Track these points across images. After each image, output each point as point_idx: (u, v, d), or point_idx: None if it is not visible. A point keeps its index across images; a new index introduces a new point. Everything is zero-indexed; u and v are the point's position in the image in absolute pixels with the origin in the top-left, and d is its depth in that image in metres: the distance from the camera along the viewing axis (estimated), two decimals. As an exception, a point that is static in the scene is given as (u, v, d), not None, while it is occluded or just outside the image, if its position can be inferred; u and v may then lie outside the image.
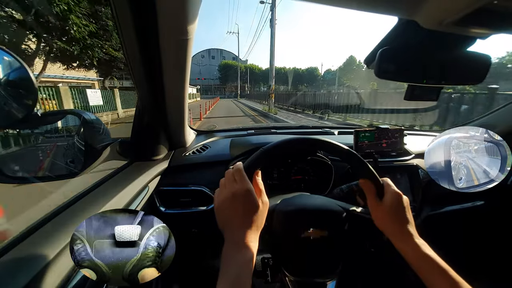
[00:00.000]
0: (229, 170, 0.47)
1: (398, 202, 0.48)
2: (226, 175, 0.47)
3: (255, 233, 0.43)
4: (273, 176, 0.98)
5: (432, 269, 0.41)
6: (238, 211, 0.42)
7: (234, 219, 0.42)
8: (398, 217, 0.47)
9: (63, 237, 0.41)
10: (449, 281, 0.38)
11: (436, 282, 0.40)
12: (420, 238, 0.45)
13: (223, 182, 0.47)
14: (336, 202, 0.60)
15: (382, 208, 0.49)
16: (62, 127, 0.65)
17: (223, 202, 0.44)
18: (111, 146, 0.69)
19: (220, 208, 0.44)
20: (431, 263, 0.41)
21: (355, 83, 49.19)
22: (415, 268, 0.43)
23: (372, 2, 0.32)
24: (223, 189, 0.45)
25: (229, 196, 0.43)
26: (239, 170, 0.46)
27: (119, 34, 0.54)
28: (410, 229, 0.46)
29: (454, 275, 0.39)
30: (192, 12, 0.48)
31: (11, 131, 0.54)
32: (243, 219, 0.42)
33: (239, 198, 0.43)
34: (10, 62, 0.43)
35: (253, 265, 0.39)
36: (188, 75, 0.67)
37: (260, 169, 0.49)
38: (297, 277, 0.56)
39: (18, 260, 0.36)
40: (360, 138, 0.94)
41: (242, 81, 61.09)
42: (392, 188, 0.50)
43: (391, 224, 0.47)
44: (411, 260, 0.43)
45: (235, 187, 0.44)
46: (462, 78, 0.43)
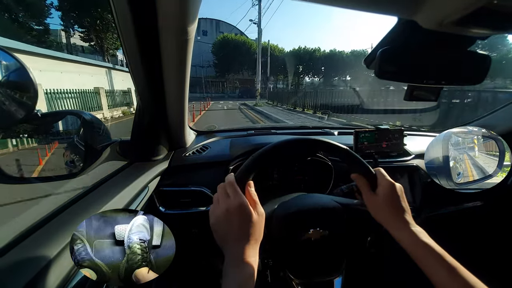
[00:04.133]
0: (222, 184, 0.47)
1: (392, 191, 0.48)
2: (218, 190, 0.47)
3: (254, 246, 0.42)
4: (273, 176, 0.98)
5: (429, 255, 0.41)
6: (234, 226, 0.42)
7: (231, 235, 0.42)
8: (392, 206, 0.47)
9: (63, 237, 0.41)
10: (447, 266, 0.39)
11: (433, 268, 0.40)
12: (416, 226, 0.46)
13: (216, 198, 0.46)
14: (333, 198, 0.60)
15: (376, 199, 0.49)
16: (62, 127, 0.65)
17: (218, 218, 0.43)
18: (111, 146, 0.69)
19: (216, 224, 0.44)
20: (428, 250, 0.41)
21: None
22: (412, 256, 0.43)
23: (372, 2, 0.32)
24: (216, 205, 0.45)
25: (223, 212, 0.43)
26: (231, 183, 0.45)
27: (119, 34, 0.55)
28: (405, 217, 0.46)
29: (451, 260, 0.39)
30: (192, 12, 0.48)
31: (11, 131, 0.54)
32: (240, 234, 0.42)
33: (234, 213, 0.42)
34: (11, 63, 0.44)
35: (254, 280, 0.38)
36: (188, 75, 0.67)
37: (259, 170, 0.49)
38: (303, 279, 0.56)
39: (18, 260, 0.36)
40: (360, 139, 0.94)
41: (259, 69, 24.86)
42: (385, 178, 0.50)
43: (387, 214, 0.48)
44: (408, 248, 0.44)
45: (228, 202, 0.43)
46: (462, 79, 0.43)
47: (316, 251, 0.53)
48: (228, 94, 36.97)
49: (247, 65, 36.71)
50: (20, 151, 0.56)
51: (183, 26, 0.50)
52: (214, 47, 35.00)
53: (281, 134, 1.23)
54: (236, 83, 38.75)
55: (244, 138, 1.12)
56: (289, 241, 0.54)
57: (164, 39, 0.54)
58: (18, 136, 0.55)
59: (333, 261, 0.56)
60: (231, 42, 34.43)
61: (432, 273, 0.40)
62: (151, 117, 0.77)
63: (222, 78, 38.92)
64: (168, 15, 0.48)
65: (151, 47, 0.55)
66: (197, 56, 36.58)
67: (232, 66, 36.49)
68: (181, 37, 0.53)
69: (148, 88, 0.67)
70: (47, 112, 0.56)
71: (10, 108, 0.43)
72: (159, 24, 0.50)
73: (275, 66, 35.13)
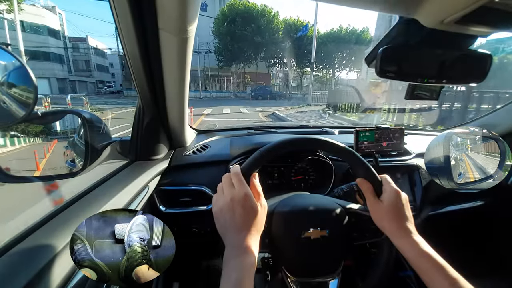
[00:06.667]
0: (227, 175, 0.47)
1: (397, 199, 0.48)
2: (223, 180, 0.47)
3: (255, 237, 0.43)
4: (274, 176, 0.98)
5: (431, 266, 0.40)
6: (237, 216, 0.42)
7: (233, 224, 0.42)
8: (396, 214, 0.47)
9: (63, 236, 0.41)
10: (448, 278, 0.38)
11: (435, 280, 0.39)
12: (418, 235, 0.45)
13: (220, 187, 0.47)
14: (335, 200, 0.60)
15: (380, 206, 0.48)
16: (62, 126, 0.65)
17: (221, 207, 0.44)
18: (111, 145, 0.69)
19: (219, 213, 0.44)
20: (430, 261, 0.41)
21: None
22: (413, 266, 0.43)
23: (374, 0, 0.32)
24: (221, 194, 0.45)
25: (227, 201, 0.43)
26: (236, 174, 0.46)
27: (119, 34, 0.55)
28: (409, 226, 0.46)
29: (453, 272, 0.39)
30: (192, 12, 0.48)
31: (11, 131, 0.54)
32: (243, 224, 0.42)
33: (238, 203, 0.43)
34: (11, 62, 0.43)
35: (254, 269, 0.39)
36: (188, 74, 0.67)
37: (260, 169, 0.49)
38: (299, 278, 0.56)
39: (18, 260, 0.36)
40: (360, 138, 0.94)
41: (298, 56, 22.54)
42: (390, 186, 0.49)
43: (390, 222, 0.47)
44: (409, 258, 0.43)
45: (233, 192, 0.44)
46: (464, 77, 0.43)
47: (314, 251, 0.53)
48: (235, 94, 24.87)
49: (264, 50, 22.56)
50: (20, 150, 0.55)
51: (183, 25, 0.50)
52: (216, 23, 21.69)
53: (282, 133, 1.23)
54: (247, 77, 26.09)
55: (244, 137, 1.12)
56: (288, 238, 0.54)
57: (164, 39, 0.53)
58: (18, 135, 0.55)
59: (330, 262, 0.56)
60: (242, 13, 20.59)
61: (434, 285, 0.39)
62: (151, 116, 0.77)
63: (226, 70, 25.74)
64: (168, 14, 0.48)
65: (151, 47, 0.55)
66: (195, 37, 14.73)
67: (242, 52, 22.11)
68: (181, 36, 0.53)
69: (148, 87, 0.67)
70: (47, 111, 0.56)
71: (10, 107, 0.43)
72: (159, 24, 0.50)
73: (301, 54, 22.46)
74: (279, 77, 33.95)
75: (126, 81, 24.95)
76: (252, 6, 21.29)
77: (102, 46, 39.63)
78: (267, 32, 21.68)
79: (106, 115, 8.91)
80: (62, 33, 29.53)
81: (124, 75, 27.82)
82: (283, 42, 22.82)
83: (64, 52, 30.24)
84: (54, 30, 27.17)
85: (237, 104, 15.08)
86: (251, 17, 20.98)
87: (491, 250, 1.19)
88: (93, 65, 36.97)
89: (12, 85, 0.44)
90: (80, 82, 33.52)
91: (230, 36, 21.28)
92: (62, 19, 30.31)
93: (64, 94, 13.72)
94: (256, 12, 21.29)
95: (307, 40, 21.00)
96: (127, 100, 18.77)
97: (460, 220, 1.15)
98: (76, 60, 34.85)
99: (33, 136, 0.58)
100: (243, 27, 20.73)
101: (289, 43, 21.39)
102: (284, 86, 27.99)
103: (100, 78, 38.38)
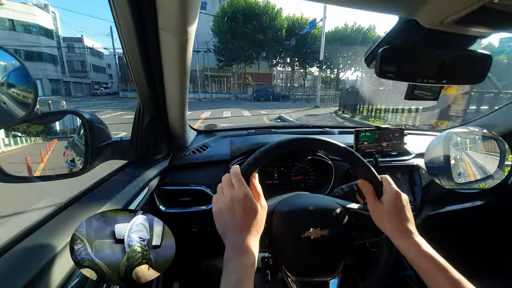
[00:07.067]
0: (227, 175, 0.47)
1: (397, 200, 0.48)
2: (223, 180, 0.47)
3: (255, 237, 0.43)
4: (274, 176, 0.98)
5: (432, 267, 0.41)
6: (237, 216, 0.42)
7: (233, 224, 0.42)
8: (397, 215, 0.47)
9: (63, 236, 0.41)
10: (449, 279, 0.38)
11: (436, 281, 0.39)
12: (419, 236, 0.45)
13: (220, 187, 0.47)
14: (335, 200, 0.60)
15: (381, 207, 0.48)
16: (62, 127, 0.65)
17: (221, 208, 0.44)
18: (111, 145, 0.69)
19: (218, 213, 0.44)
20: (431, 261, 0.41)
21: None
22: (415, 266, 0.43)
23: (374, 1, 0.32)
24: (221, 194, 0.45)
25: (227, 202, 0.43)
26: (236, 174, 0.46)
27: (119, 34, 0.54)
28: (409, 227, 0.46)
29: (455, 273, 0.39)
30: (192, 12, 0.48)
31: (11, 131, 0.54)
32: (243, 224, 0.42)
33: (238, 203, 0.43)
34: (10, 62, 0.43)
35: (254, 270, 0.39)
36: (188, 74, 0.67)
37: (260, 169, 0.49)
38: (299, 277, 0.56)
39: (18, 259, 0.36)
40: (360, 138, 0.94)
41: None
42: (391, 187, 0.49)
43: (391, 222, 0.47)
44: (411, 258, 0.43)
45: (233, 192, 0.44)
46: (463, 77, 0.43)
47: (315, 250, 0.53)
48: (236, 95, 24.77)
49: (267, 49, 21.90)
50: (20, 150, 0.56)
51: (183, 26, 0.50)
52: (216, 21, 20.84)
53: (282, 133, 1.23)
54: (248, 78, 25.56)
55: (244, 137, 1.12)
56: (288, 238, 0.54)
57: (164, 39, 0.53)
58: (19, 135, 0.55)
59: (330, 262, 0.56)
60: (243, 9, 19.49)
61: (436, 286, 0.39)
62: (152, 116, 0.77)
63: (227, 70, 25.02)
64: (168, 14, 0.48)
65: (151, 47, 0.55)
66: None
67: (243, 51, 21.35)
68: (181, 37, 0.53)
69: (148, 87, 0.67)
70: (47, 111, 0.56)
71: (11, 107, 0.43)
72: (159, 24, 0.49)
73: (304, 53, 21.74)
74: (280, 78, 33.16)
75: (121, 83, 24.67)
76: (254, 2, 20.13)
77: (98, 46, 39.49)
78: (270, 29, 20.66)
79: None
80: (55, 32, 29.28)
81: (120, 76, 27.55)
82: (286, 40, 21.19)
83: (58, 52, 29.96)
84: (46, 29, 26.85)
85: (238, 106, 14.42)
86: (253, 14, 19.84)
87: (491, 250, 1.19)
88: (89, 65, 36.69)
89: (12, 85, 0.44)
90: (74, 83, 33.24)
91: (230, 34, 20.29)
92: (55, 18, 30.14)
93: (57, 96, 13.47)
94: (258, 9, 20.14)
95: (311, 39, 20.66)
96: (121, 102, 18.03)
97: (460, 220, 1.15)
98: (71, 61, 34.64)
99: (33, 136, 0.58)
100: (244, 24, 19.69)
101: (293, 41, 19.75)
102: (287, 87, 27.03)
103: (96, 79, 38.03)
